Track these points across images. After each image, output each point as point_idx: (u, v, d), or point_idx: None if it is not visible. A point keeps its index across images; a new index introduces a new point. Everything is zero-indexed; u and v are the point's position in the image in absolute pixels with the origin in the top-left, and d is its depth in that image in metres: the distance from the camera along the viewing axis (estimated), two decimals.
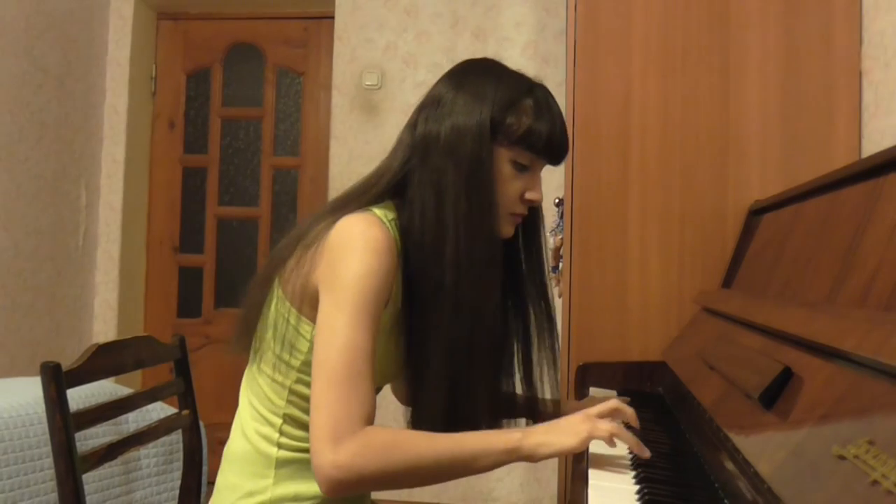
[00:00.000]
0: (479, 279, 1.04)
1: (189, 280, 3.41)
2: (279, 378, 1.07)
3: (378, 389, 1.12)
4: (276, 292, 1.07)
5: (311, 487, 1.07)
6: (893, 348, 0.64)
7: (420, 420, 1.08)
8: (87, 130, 3.16)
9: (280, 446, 1.08)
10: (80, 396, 1.54)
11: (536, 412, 1.22)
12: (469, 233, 1.03)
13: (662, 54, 1.69)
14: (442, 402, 1.05)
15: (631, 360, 1.64)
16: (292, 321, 1.05)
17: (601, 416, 0.98)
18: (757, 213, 1.59)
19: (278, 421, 1.08)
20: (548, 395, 1.25)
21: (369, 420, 0.96)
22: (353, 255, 0.98)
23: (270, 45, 3.39)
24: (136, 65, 3.30)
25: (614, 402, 1.03)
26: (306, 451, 1.07)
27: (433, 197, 1.04)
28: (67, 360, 1.24)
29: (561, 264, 1.83)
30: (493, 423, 1.17)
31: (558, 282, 1.91)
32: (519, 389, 1.22)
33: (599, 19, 1.71)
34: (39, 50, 2.83)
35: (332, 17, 3.18)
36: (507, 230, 1.12)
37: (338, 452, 0.91)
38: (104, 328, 3.23)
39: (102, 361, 1.32)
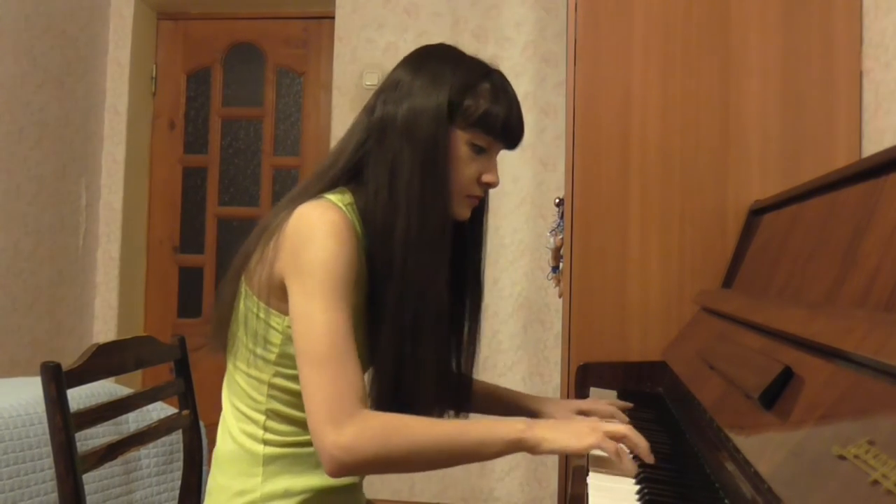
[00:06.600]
0: (427, 259, 1.05)
1: (189, 280, 3.41)
2: (256, 374, 1.07)
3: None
4: (244, 288, 1.08)
5: (300, 482, 1.07)
6: (893, 348, 0.64)
7: (370, 397, 1.08)
8: (87, 130, 3.16)
9: (266, 443, 1.08)
10: (80, 396, 1.54)
11: (463, 398, 1.24)
12: (420, 213, 1.04)
13: (662, 54, 1.69)
14: (388, 379, 1.06)
15: (631, 360, 1.64)
16: (262, 315, 1.06)
17: (612, 436, 0.95)
18: (757, 213, 1.59)
19: (261, 418, 1.08)
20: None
21: (363, 399, 0.96)
22: (315, 241, 0.99)
23: (270, 45, 3.39)
24: (136, 65, 3.29)
25: (626, 429, 0.97)
26: (293, 445, 1.08)
27: (387, 176, 1.05)
28: (67, 360, 1.24)
29: (561, 264, 1.83)
30: (441, 406, 1.18)
31: (558, 282, 1.91)
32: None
33: (599, 19, 1.71)
34: (39, 50, 2.82)
35: (333, 17, 3.18)
36: (464, 213, 1.13)
37: (339, 434, 0.92)
38: (104, 328, 3.23)
39: (102, 361, 1.32)
